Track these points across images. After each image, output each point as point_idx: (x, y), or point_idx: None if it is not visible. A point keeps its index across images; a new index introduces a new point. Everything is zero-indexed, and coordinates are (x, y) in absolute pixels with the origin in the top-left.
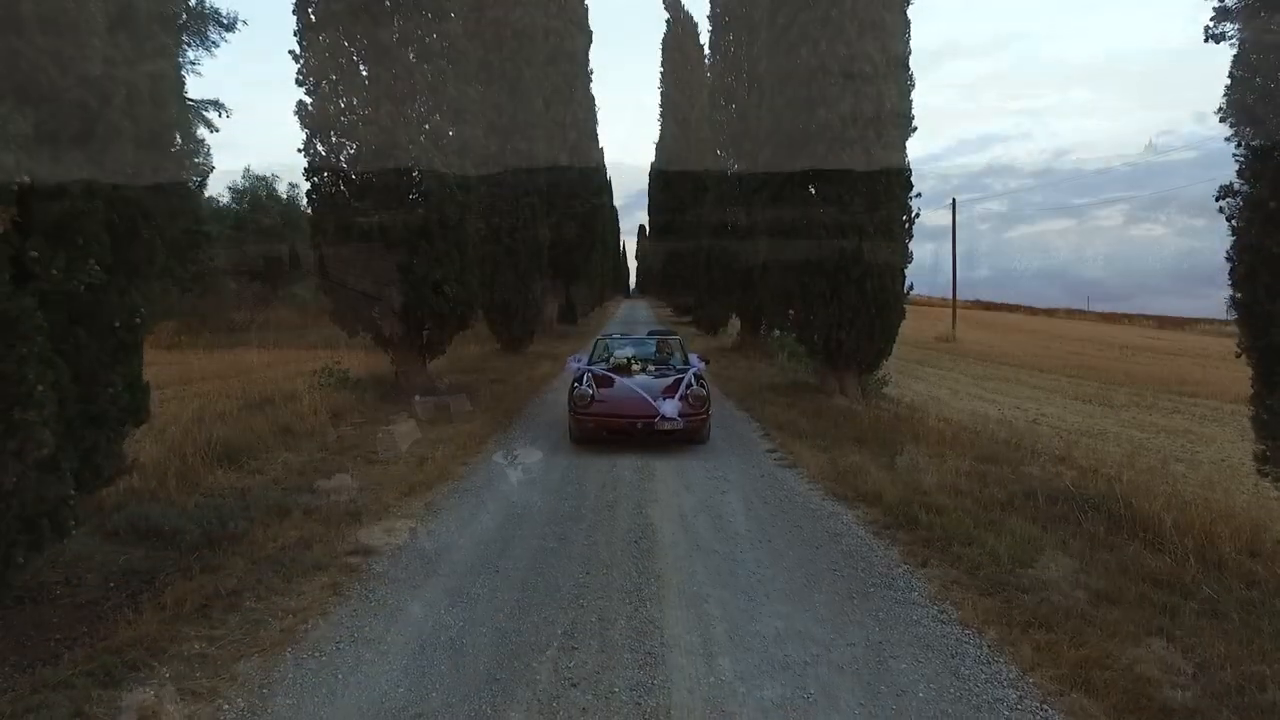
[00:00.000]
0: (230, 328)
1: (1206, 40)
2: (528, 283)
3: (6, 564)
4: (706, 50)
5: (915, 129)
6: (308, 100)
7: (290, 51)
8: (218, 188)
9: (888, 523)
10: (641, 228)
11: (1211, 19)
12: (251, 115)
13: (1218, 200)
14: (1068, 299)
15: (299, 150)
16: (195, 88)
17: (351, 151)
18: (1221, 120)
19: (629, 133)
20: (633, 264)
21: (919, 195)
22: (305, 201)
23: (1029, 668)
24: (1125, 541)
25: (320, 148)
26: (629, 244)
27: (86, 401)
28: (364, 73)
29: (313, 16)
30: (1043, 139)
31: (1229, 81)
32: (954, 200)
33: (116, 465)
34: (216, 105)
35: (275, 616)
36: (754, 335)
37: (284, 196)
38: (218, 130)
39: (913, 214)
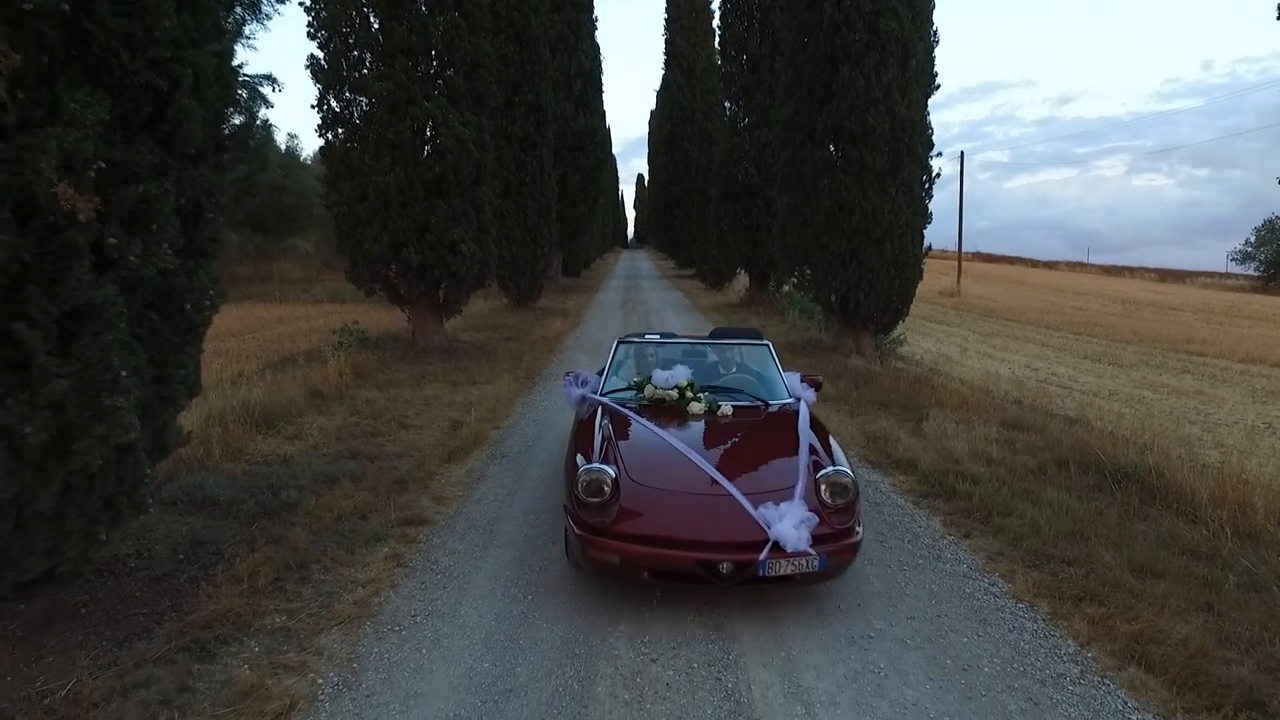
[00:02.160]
0: (234, 281)
1: None
2: (536, 237)
3: (90, 541)
4: None
5: (939, 86)
6: (320, 54)
7: (300, 4)
8: None
9: (925, 492)
10: (640, 177)
11: None
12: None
13: None
14: (1068, 250)
15: (312, 106)
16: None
17: (365, 108)
18: None
19: (624, 79)
20: (630, 213)
21: (939, 154)
22: (320, 157)
23: (1085, 642)
24: (1160, 513)
25: (334, 103)
26: (627, 193)
27: (160, 383)
28: (376, 26)
29: None
30: (1046, 86)
31: None
32: (961, 153)
33: (178, 439)
34: (270, 80)
35: (346, 589)
36: (763, 291)
37: (283, 147)
38: (273, 106)
39: (933, 174)
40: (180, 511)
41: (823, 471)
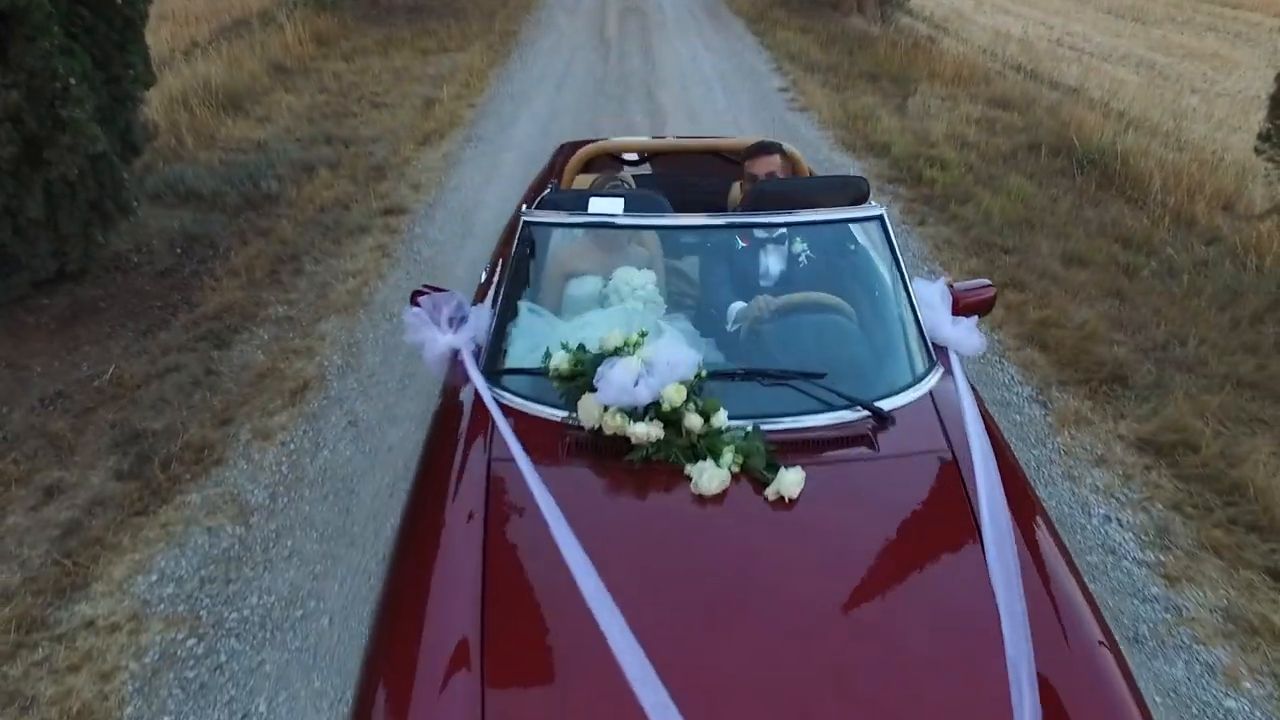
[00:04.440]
0: None
1: None
2: None
3: (89, 241)
4: None
5: None
6: None
7: None
8: None
9: (892, 177)
10: None
11: None
12: None
13: None
14: None
15: None
16: None
17: None
18: None
19: None
20: None
21: None
22: None
23: (997, 325)
24: (1112, 199)
25: None
26: None
27: (112, 84)
28: None
29: None
30: None
31: None
32: None
33: (146, 134)
34: None
35: (337, 279)
36: None
37: None
38: None
39: None
40: (167, 205)
41: None
